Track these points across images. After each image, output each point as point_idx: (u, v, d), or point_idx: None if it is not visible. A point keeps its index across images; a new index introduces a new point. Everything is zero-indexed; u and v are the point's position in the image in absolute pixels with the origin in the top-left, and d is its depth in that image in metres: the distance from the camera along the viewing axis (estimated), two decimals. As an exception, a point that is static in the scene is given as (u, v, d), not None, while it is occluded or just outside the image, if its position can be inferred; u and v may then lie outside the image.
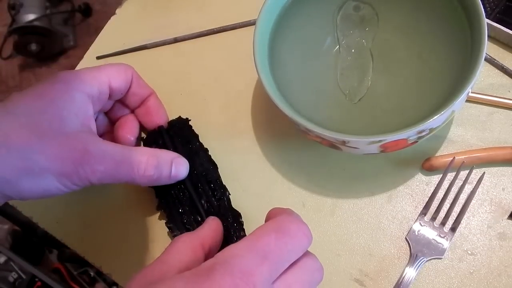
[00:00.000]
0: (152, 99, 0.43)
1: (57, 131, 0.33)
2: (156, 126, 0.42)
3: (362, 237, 0.39)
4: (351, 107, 0.41)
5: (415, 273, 0.36)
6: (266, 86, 0.35)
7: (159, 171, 0.36)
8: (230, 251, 0.25)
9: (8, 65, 1.51)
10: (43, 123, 0.32)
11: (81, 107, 0.35)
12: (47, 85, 0.34)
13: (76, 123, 0.34)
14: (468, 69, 0.33)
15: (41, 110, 0.32)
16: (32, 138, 0.32)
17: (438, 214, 0.38)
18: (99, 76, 0.37)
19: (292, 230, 0.26)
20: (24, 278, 0.97)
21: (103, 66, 0.39)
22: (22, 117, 0.32)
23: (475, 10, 0.34)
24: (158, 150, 0.38)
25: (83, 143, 0.33)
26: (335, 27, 0.42)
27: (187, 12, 0.50)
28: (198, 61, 0.48)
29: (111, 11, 0.52)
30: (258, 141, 0.43)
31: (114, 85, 0.38)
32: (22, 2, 1.38)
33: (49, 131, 0.32)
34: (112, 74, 0.38)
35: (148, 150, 0.37)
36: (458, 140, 0.41)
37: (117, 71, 0.39)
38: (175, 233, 0.38)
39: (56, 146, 0.32)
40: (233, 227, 0.38)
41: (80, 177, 0.33)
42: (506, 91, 0.42)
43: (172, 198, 0.39)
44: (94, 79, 0.37)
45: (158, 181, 0.37)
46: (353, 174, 0.41)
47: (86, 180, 0.33)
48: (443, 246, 0.37)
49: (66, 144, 0.33)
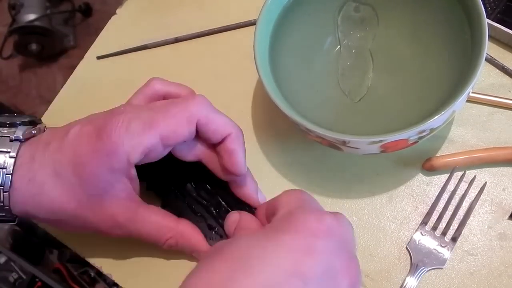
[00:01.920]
0: (229, 141, 0.35)
1: (95, 203, 0.34)
2: (228, 175, 0.37)
3: (363, 237, 0.39)
4: (351, 107, 0.41)
5: (416, 283, 0.36)
6: (266, 86, 0.35)
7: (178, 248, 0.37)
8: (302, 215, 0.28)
9: (9, 65, 1.51)
10: (82, 195, 0.33)
11: (120, 179, 0.34)
12: (87, 153, 0.33)
13: (114, 194, 0.34)
14: (469, 69, 0.33)
15: (81, 181, 0.33)
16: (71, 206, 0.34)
17: (439, 224, 0.38)
18: (146, 139, 0.33)
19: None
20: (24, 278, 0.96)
21: (160, 117, 0.33)
22: (66, 183, 0.33)
23: (475, 10, 0.34)
24: (186, 229, 0.36)
25: (116, 215, 0.34)
26: (336, 27, 0.42)
27: (188, 12, 0.50)
28: (199, 61, 0.48)
29: (111, 11, 0.52)
30: (258, 141, 0.43)
31: (170, 143, 0.34)
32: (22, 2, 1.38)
33: (88, 204, 0.34)
34: (166, 131, 0.33)
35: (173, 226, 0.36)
36: (459, 140, 0.40)
37: (175, 126, 0.33)
38: None
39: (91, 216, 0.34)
40: (241, 206, 0.38)
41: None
42: (507, 91, 0.41)
43: (175, 193, 0.39)
44: (138, 146, 0.32)
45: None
46: (353, 174, 0.41)
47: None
48: (444, 256, 0.37)
49: (99, 214, 0.34)
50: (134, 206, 0.35)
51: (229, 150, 0.35)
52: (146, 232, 0.35)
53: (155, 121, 0.33)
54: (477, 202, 0.38)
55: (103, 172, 0.32)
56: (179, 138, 0.34)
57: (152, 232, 0.35)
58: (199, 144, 0.36)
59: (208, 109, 0.35)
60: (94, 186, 0.33)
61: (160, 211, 0.36)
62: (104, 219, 0.34)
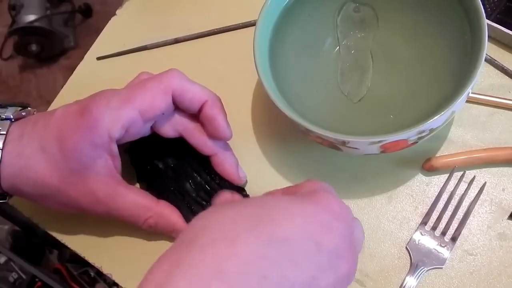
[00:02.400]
0: (206, 108, 0.37)
1: (78, 178, 0.35)
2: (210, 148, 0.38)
3: (362, 237, 0.39)
4: (351, 108, 0.41)
5: (416, 283, 0.36)
6: (266, 86, 0.35)
7: (157, 228, 0.38)
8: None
9: (9, 66, 1.51)
10: (65, 169, 0.35)
11: (102, 155, 0.35)
12: (70, 129, 0.35)
13: (95, 170, 0.35)
14: (468, 70, 0.33)
15: (64, 156, 0.35)
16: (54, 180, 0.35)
17: (439, 224, 0.38)
18: (125, 112, 0.35)
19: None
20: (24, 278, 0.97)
21: (137, 92, 0.35)
22: (51, 158, 0.35)
23: (475, 11, 0.34)
24: (165, 209, 0.37)
25: (96, 190, 0.36)
26: (335, 28, 0.42)
27: (188, 12, 0.50)
28: (199, 62, 0.48)
29: (111, 11, 0.52)
30: (258, 141, 0.43)
31: (148, 116, 0.36)
32: (22, 3, 1.38)
33: (70, 179, 0.35)
34: (144, 105, 0.35)
35: (153, 206, 0.37)
36: (458, 140, 0.41)
37: (152, 98, 0.35)
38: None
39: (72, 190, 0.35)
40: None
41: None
42: (507, 92, 0.42)
43: (174, 193, 0.39)
44: (118, 120, 0.34)
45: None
46: (353, 175, 0.41)
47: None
48: (444, 255, 0.37)
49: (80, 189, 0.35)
50: (114, 183, 0.36)
51: (209, 116, 0.37)
52: (125, 210, 0.36)
53: (132, 96, 0.35)
54: (476, 202, 0.38)
55: (85, 147, 0.34)
56: (157, 110, 0.35)
57: (131, 210, 0.36)
58: (178, 119, 0.38)
59: (182, 80, 0.36)
60: (76, 160, 0.34)
61: (140, 191, 0.37)
62: (84, 194, 0.35)
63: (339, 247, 0.27)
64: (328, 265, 0.27)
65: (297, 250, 0.26)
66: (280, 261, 0.25)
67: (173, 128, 0.38)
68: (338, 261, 0.27)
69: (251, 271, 0.24)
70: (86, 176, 0.35)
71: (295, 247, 0.26)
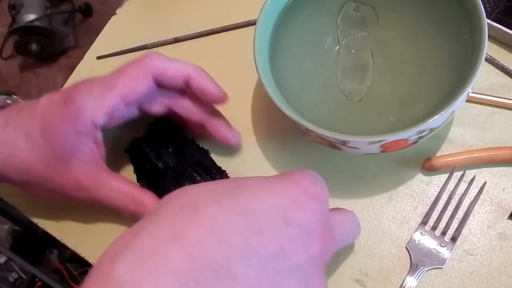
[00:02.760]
0: (192, 82, 0.38)
1: (62, 165, 0.36)
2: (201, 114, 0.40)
3: (362, 237, 0.39)
4: (351, 107, 0.41)
5: (416, 283, 0.36)
6: (266, 86, 0.35)
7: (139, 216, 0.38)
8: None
9: (9, 65, 1.51)
10: (49, 157, 0.36)
11: (86, 142, 0.36)
12: (54, 117, 0.35)
13: (80, 157, 0.36)
14: (468, 69, 0.33)
15: (49, 144, 0.35)
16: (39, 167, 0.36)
17: (439, 224, 0.38)
18: (107, 99, 0.35)
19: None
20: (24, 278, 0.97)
21: (118, 78, 0.36)
22: (36, 145, 0.35)
23: (475, 10, 0.34)
24: (148, 197, 0.38)
25: (81, 177, 0.36)
26: (336, 28, 0.42)
27: (188, 12, 0.50)
28: (198, 61, 0.47)
29: (111, 11, 0.52)
30: (258, 141, 0.43)
31: (130, 100, 0.36)
32: (22, 2, 1.38)
33: (54, 166, 0.36)
34: (125, 90, 0.36)
35: (136, 194, 0.37)
36: (458, 140, 0.41)
37: (132, 82, 0.36)
38: None
39: (57, 177, 0.36)
40: None
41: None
42: (507, 91, 0.42)
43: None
44: (101, 107, 0.35)
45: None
46: (353, 174, 0.41)
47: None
48: (444, 255, 0.37)
49: (65, 176, 0.36)
50: (98, 170, 0.37)
51: (198, 88, 0.38)
52: (108, 197, 0.37)
53: (113, 83, 0.36)
54: (476, 202, 0.38)
55: (69, 134, 0.35)
56: (138, 93, 0.36)
57: (114, 197, 0.37)
58: (164, 95, 0.39)
59: (161, 60, 0.37)
60: (61, 148, 0.35)
61: (123, 179, 0.38)
62: (69, 181, 0.36)
63: (311, 224, 0.27)
64: (298, 240, 0.26)
65: (262, 220, 0.25)
66: (243, 229, 0.25)
67: (161, 104, 0.39)
68: (309, 238, 0.27)
69: (211, 236, 0.24)
70: (70, 163, 0.36)
71: (261, 218, 0.25)
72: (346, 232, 0.32)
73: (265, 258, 0.25)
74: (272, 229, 0.25)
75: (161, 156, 0.40)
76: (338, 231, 0.30)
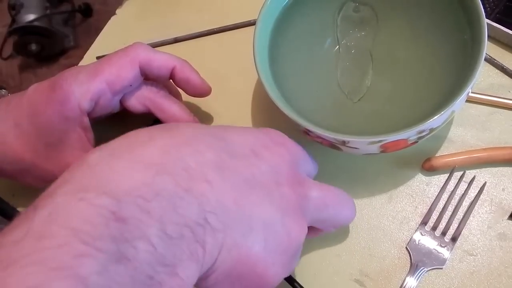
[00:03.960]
0: (177, 73, 0.39)
1: (51, 152, 0.36)
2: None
3: (362, 237, 0.39)
4: (351, 107, 0.41)
5: (416, 283, 0.36)
6: (266, 86, 0.35)
7: None
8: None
9: (8, 65, 1.51)
10: (38, 144, 0.36)
11: (74, 128, 0.36)
12: (41, 104, 0.36)
13: (69, 143, 0.37)
14: (468, 69, 0.33)
15: (37, 130, 0.36)
16: (29, 155, 0.36)
17: (439, 224, 0.38)
18: (93, 84, 0.36)
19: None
20: (24, 278, 0.96)
21: (104, 65, 0.37)
22: (25, 134, 0.36)
23: (475, 10, 0.34)
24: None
25: (71, 163, 0.37)
26: (335, 28, 0.42)
27: (187, 12, 0.50)
28: (198, 61, 0.48)
29: (111, 11, 0.52)
30: (258, 141, 0.43)
31: (116, 87, 0.37)
32: (22, 3, 1.38)
33: (44, 153, 0.36)
34: (111, 76, 0.36)
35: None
36: (458, 140, 0.41)
37: (118, 69, 0.36)
38: None
39: (48, 165, 0.37)
40: None
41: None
42: (506, 91, 0.42)
43: None
44: (87, 92, 0.35)
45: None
46: (353, 174, 0.41)
47: None
48: (444, 256, 0.37)
49: (55, 163, 0.37)
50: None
51: (183, 79, 0.39)
52: None
53: (99, 69, 0.36)
54: (476, 202, 0.38)
55: (57, 120, 0.35)
56: (124, 81, 0.37)
57: None
58: (146, 93, 0.39)
59: (147, 51, 0.38)
60: (49, 134, 0.36)
61: None
62: (59, 167, 0.36)
63: (279, 166, 0.27)
64: (268, 173, 0.26)
65: (234, 147, 0.26)
66: (216, 147, 0.25)
67: (140, 102, 0.39)
68: (279, 176, 0.27)
69: (185, 144, 0.24)
70: (60, 149, 0.36)
71: (232, 145, 0.26)
72: (331, 202, 0.31)
73: (238, 177, 0.25)
74: (243, 157, 0.26)
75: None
76: (318, 190, 0.30)
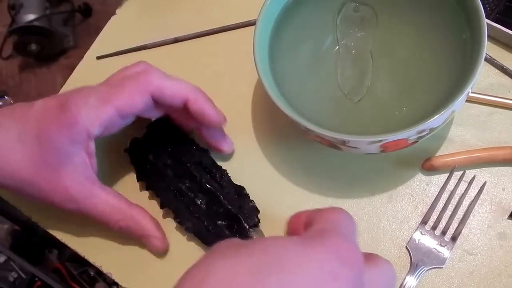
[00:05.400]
0: (191, 105, 0.38)
1: (51, 172, 0.36)
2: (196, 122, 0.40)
3: (362, 237, 0.39)
4: (351, 107, 0.41)
5: (416, 282, 0.36)
6: (266, 86, 0.35)
7: (128, 232, 0.38)
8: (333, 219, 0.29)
9: (8, 65, 1.51)
10: (40, 161, 0.35)
11: (79, 152, 0.36)
12: (49, 123, 0.35)
13: (71, 166, 0.36)
14: (468, 69, 0.33)
15: (42, 149, 0.35)
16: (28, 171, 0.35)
17: (439, 224, 0.38)
18: (103, 112, 0.35)
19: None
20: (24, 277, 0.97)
21: (116, 92, 0.36)
22: (27, 149, 0.35)
23: (475, 11, 0.34)
24: (138, 213, 0.38)
25: (70, 188, 0.36)
26: (335, 28, 0.42)
27: (187, 12, 0.50)
28: (198, 61, 0.48)
29: (111, 11, 0.52)
30: (258, 141, 0.43)
31: (126, 114, 0.36)
32: (22, 3, 1.38)
33: (44, 172, 0.35)
34: (121, 104, 0.35)
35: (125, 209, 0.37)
36: (458, 140, 0.41)
37: (129, 98, 0.36)
38: (186, 225, 0.39)
39: (46, 185, 0.36)
40: (240, 201, 0.39)
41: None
42: (506, 91, 0.42)
43: (173, 193, 0.39)
44: (96, 119, 0.35)
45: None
46: (353, 174, 0.41)
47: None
48: (444, 255, 0.37)
49: (54, 185, 0.36)
50: (89, 182, 0.37)
51: (197, 112, 0.38)
52: (97, 210, 0.37)
53: (110, 95, 0.36)
54: (476, 202, 0.38)
55: (63, 142, 0.35)
56: (135, 109, 0.36)
57: (103, 211, 0.37)
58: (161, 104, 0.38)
59: (159, 79, 0.37)
60: (53, 155, 0.35)
61: (114, 193, 0.38)
62: (57, 190, 0.36)
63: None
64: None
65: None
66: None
67: (157, 111, 0.39)
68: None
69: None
70: (61, 172, 0.35)
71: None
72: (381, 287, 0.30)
73: None
74: None
75: (161, 156, 0.40)
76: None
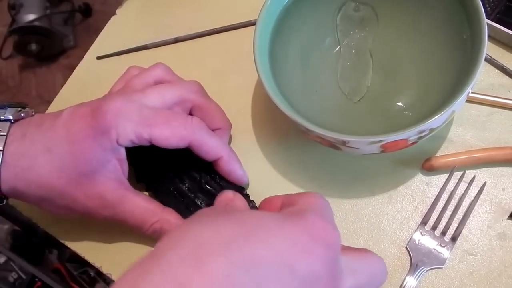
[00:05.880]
0: (222, 163, 0.38)
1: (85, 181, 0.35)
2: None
3: (362, 237, 0.39)
4: (351, 107, 0.41)
5: (416, 283, 0.36)
6: (266, 86, 0.35)
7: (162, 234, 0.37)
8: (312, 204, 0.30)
9: (8, 65, 1.51)
10: (72, 172, 0.35)
11: (111, 159, 0.35)
12: (80, 130, 0.34)
13: (104, 173, 0.35)
14: (468, 69, 0.33)
15: (74, 158, 0.34)
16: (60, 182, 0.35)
17: (439, 224, 0.38)
18: (139, 133, 0.35)
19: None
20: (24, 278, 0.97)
21: (161, 123, 0.35)
22: (57, 159, 0.34)
23: (475, 10, 0.34)
24: (171, 215, 0.38)
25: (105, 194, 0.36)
26: (335, 28, 0.42)
27: (188, 12, 0.50)
28: (199, 61, 0.48)
29: (111, 11, 0.52)
30: (258, 141, 0.43)
31: (156, 144, 0.36)
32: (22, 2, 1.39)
33: (77, 182, 0.35)
34: (158, 137, 0.35)
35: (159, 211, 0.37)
36: (458, 140, 0.41)
37: (169, 136, 0.35)
38: None
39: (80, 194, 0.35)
40: None
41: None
42: (506, 91, 0.42)
43: (173, 194, 0.39)
44: (130, 134, 0.35)
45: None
46: (353, 174, 0.41)
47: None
48: (444, 256, 0.37)
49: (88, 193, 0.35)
50: (122, 187, 0.36)
51: (226, 171, 0.39)
52: (132, 215, 0.36)
53: (154, 123, 0.35)
54: (476, 202, 0.38)
55: (96, 150, 0.34)
56: (168, 145, 0.36)
57: (138, 215, 0.36)
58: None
59: (202, 133, 0.37)
60: (86, 163, 0.34)
61: (146, 197, 0.38)
62: (92, 198, 0.35)
63: (317, 272, 0.26)
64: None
65: (267, 273, 0.25)
66: (246, 284, 0.24)
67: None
68: (313, 286, 0.26)
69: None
70: (95, 179, 0.35)
71: (266, 270, 0.25)
72: (365, 278, 0.30)
73: None
74: (275, 281, 0.25)
75: (161, 157, 0.40)
76: (352, 278, 0.29)
